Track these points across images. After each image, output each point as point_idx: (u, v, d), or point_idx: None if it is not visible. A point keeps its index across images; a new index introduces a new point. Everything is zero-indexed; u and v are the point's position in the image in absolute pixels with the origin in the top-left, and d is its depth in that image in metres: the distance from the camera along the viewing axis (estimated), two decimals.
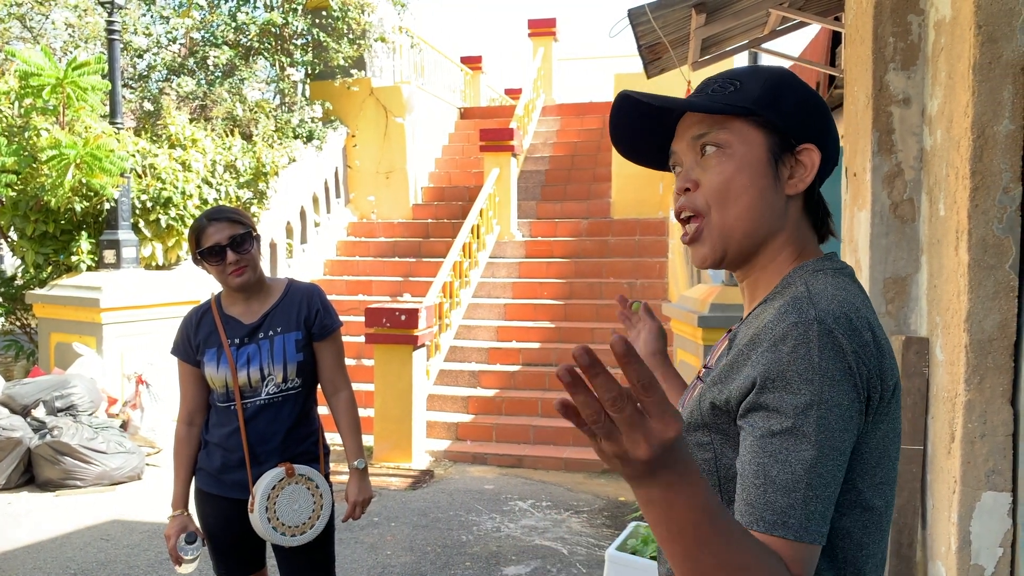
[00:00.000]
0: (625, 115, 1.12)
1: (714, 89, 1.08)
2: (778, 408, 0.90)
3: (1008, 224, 2.22)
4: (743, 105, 1.04)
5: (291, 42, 10.50)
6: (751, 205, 1.04)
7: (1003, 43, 2.18)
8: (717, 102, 1.05)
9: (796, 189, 1.06)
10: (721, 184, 1.05)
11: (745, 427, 0.93)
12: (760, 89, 1.05)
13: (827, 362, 0.90)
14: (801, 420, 0.89)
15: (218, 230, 2.42)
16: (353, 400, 2.64)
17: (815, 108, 1.08)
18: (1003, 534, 2.28)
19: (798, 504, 0.87)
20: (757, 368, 0.93)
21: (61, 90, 7.10)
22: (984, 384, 2.26)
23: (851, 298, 0.98)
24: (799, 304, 0.95)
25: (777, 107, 1.05)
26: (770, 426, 0.90)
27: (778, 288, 1.06)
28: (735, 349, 1.01)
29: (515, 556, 4.61)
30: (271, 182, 8.99)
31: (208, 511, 2.56)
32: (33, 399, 5.97)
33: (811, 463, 0.88)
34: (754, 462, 0.90)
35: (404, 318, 6.60)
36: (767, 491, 0.88)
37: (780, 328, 0.93)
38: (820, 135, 1.07)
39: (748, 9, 4.26)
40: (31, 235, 7.43)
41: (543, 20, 13.78)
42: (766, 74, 1.08)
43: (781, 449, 0.89)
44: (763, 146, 1.05)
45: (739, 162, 1.04)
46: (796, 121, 1.06)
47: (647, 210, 9.86)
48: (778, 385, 0.90)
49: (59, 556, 4.52)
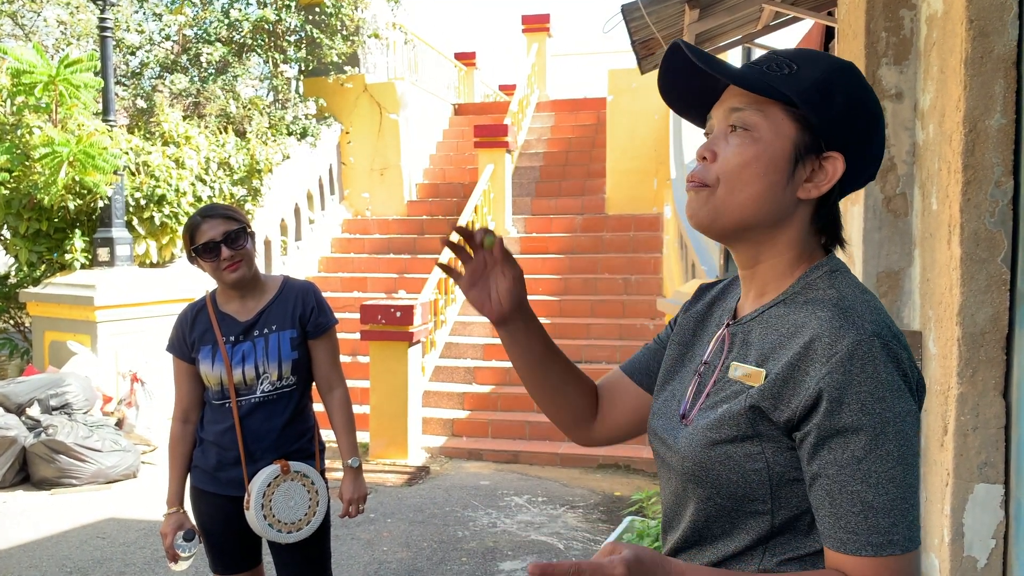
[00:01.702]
0: (675, 67, 1.08)
1: (769, 67, 1.04)
2: (858, 430, 0.91)
3: (1000, 218, 2.23)
4: (786, 93, 1.00)
5: (284, 38, 10.48)
6: (757, 196, 1.02)
7: (995, 37, 2.19)
8: (766, 83, 1.02)
9: (810, 194, 1.03)
10: (737, 166, 1.02)
11: (822, 451, 0.94)
12: (812, 82, 1.01)
13: (891, 376, 0.92)
14: (882, 439, 0.91)
15: (212, 227, 2.42)
16: (347, 398, 2.64)
17: (864, 119, 1.03)
18: (995, 526, 2.29)
19: (900, 521, 0.91)
20: (827, 388, 0.93)
21: (53, 88, 7.07)
22: (976, 377, 2.27)
23: (876, 302, 1.00)
24: (849, 317, 0.95)
25: (820, 107, 1.01)
26: (853, 452, 0.92)
27: (796, 288, 1.04)
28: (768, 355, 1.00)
29: (511, 551, 4.62)
30: (265, 179, 8.98)
31: (204, 509, 2.56)
32: (28, 398, 5.96)
33: (901, 478, 0.91)
34: (846, 490, 0.92)
35: (399, 315, 6.61)
36: (868, 517, 0.91)
37: (843, 346, 0.93)
38: (858, 148, 1.03)
39: (741, 4, 4.26)
40: (24, 233, 7.40)
41: (537, 16, 13.77)
42: (826, 67, 1.03)
43: (871, 472, 0.91)
44: (791, 140, 1.02)
45: (761, 149, 1.02)
46: (834, 126, 1.01)
47: (642, 206, 9.87)
48: (854, 407, 0.92)
49: (55, 554, 4.51)
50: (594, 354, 7.86)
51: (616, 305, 8.47)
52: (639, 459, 6.37)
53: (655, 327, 8.00)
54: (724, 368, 1.07)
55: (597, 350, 7.89)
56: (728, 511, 1.03)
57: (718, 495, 1.02)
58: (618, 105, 10.18)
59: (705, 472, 1.03)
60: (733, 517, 1.03)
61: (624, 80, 10.10)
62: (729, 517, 1.03)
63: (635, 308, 8.38)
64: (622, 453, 6.47)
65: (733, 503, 1.02)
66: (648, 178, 9.94)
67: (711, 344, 1.13)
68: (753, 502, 1.00)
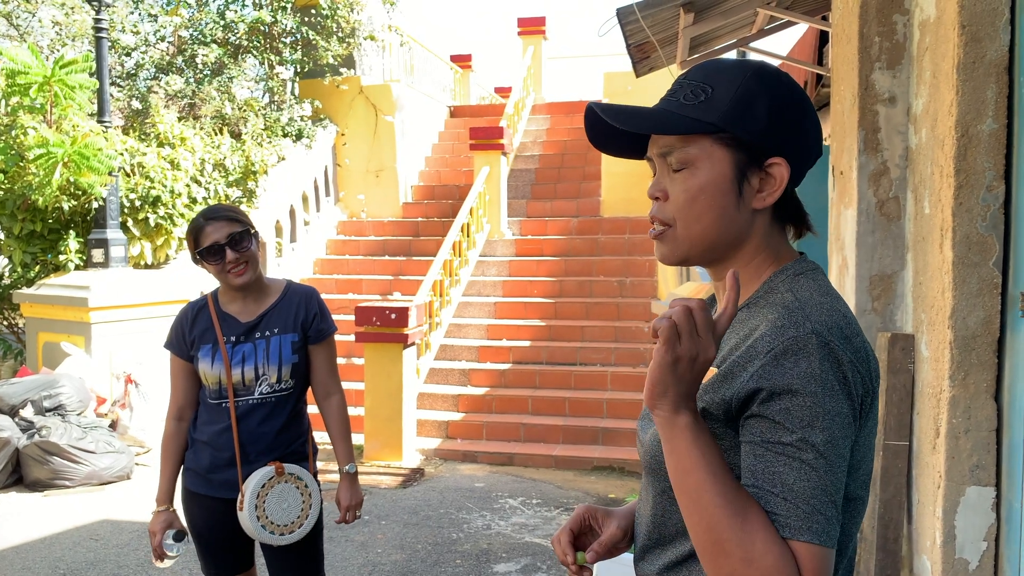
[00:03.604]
0: (598, 124, 1.11)
1: (686, 96, 1.06)
2: (785, 420, 0.93)
3: (992, 222, 2.24)
4: (709, 121, 1.02)
5: (280, 40, 10.47)
6: (713, 222, 1.06)
7: (987, 43, 2.21)
8: (686, 114, 1.04)
9: (764, 203, 1.06)
10: (686, 201, 1.06)
11: (752, 436, 0.96)
12: (730, 101, 1.03)
13: (827, 374, 0.94)
14: (808, 431, 0.92)
15: (216, 229, 2.42)
16: (344, 404, 2.65)
17: (789, 113, 1.05)
18: (987, 528, 2.30)
19: (818, 510, 0.91)
20: (760, 381, 0.95)
21: (48, 88, 7.06)
22: (968, 380, 2.29)
23: (837, 304, 1.01)
24: (794, 316, 0.97)
25: (745, 122, 1.03)
26: (779, 437, 0.93)
27: (760, 293, 1.07)
28: (723, 356, 1.03)
29: (505, 554, 4.62)
30: (260, 181, 8.97)
31: (196, 511, 2.55)
32: (21, 399, 5.94)
33: (824, 470, 0.92)
34: (769, 471, 0.93)
35: (394, 317, 6.60)
36: (788, 499, 0.92)
37: (780, 342, 0.95)
38: (794, 140, 1.05)
39: (736, 8, 4.28)
40: (18, 234, 7.39)
41: (533, 19, 13.78)
42: (739, 79, 1.04)
43: (794, 458, 0.92)
44: (729, 163, 1.04)
45: (703, 180, 1.05)
46: (766, 134, 1.03)
47: (637, 208, 9.88)
48: (784, 398, 0.93)
49: (48, 556, 4.50)
50: (589, 356, 7.87)
51: (611, 307, 8.48)
52: (633, 461, 6.37)
53: (649, 329, 8.00)
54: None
55: (592, 352, 7.90)
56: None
57: (671, 488, 1.05)
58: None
59: (658, 463, 1.07)
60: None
61: (619, 83, 10.11)
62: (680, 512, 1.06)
63: (630, 310, 8.40)
64: (616, 456, 6.48)
65: None
66: (643, 181, 9.95)
67: None
68: None
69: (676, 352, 0.93)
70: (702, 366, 0.94)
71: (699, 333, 0.93)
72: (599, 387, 7.49)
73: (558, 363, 7.86)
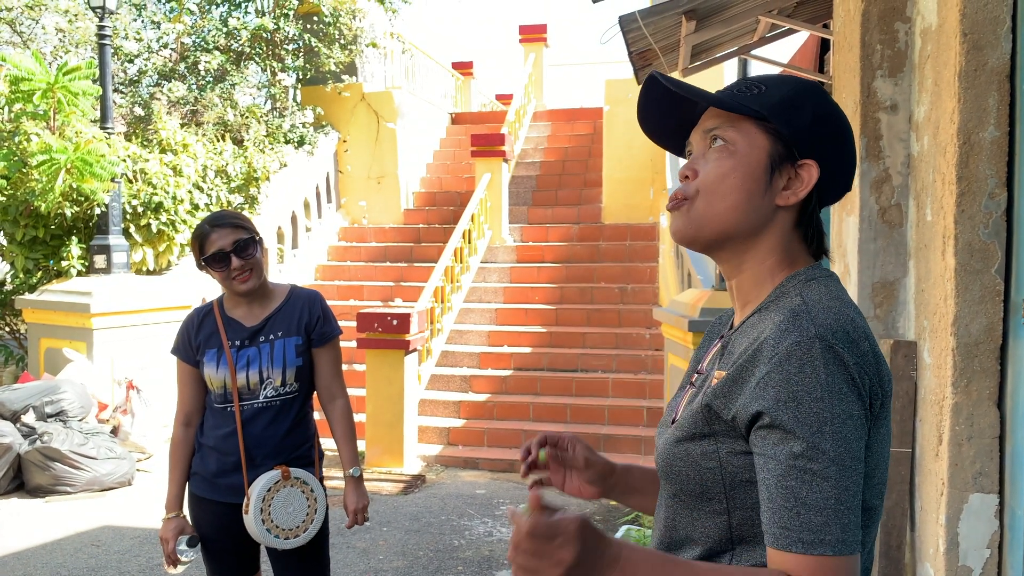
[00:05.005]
0: (653, 98, 1.14)
1: (740, 89, 1.10)
2: (794, 429, 0.92)
3: (994, 229, 2.25)
4: (756, 108, 1.06)
5: (282, 47, 10.51)
6: (736, 205, 1.07)
7: (988, 51, 2.22)
8: (738, 101, 1.07)
9: (788, 201, 1.08)
10: (715, 178, 1.07)
11: (763, 448, 0.96)
12: (780, 97, 1.07)
13: (833, 377, 0.93)
14: (818, 438, 0.91)
15: (221, 236, 2.43)
16: (349, 408, 2.65)
17: (832, 129, 1.09)
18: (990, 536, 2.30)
19: (832, 520, 0.90)
20: (766, 388, 0.95)
21: (51, 95, 7.09)
22: (971, 387, 2.29)
23: (845, 308, 1.01)
24: (799, 320, 0.97)
25: (789, 119, 1.06)
26: (790, 448, 0.92)
27: (772, 297, 1.07)
28: (734, 360, 1.03)
29: (507, 561, 4.61)
30: (262, 187, 8.99)
31: (202, 516, 2.55)
32: (23, 405, 5.94)
33: (836, 478, 0.91)
34: (780, 485, 0.93)
35: (396, 323, 6.61)
36: (800, 512, 0.91)
37: (784, 347, 0.95)
38: (830, 156, 1.08)
39: (738, 16, 4.29)
40: (21, 240, 7.40)
41: (534, 26, 13.82)
42: (793, 84, 1.10)
43: (806, 470, 0.91)
44: (765, 151, 1.07)
45: (737, 161, 1.07)
46: (805, 136, 1.07)
47: (638, 215, 9.90)
48: (790, 406, 0.93)
49: (49, 562, 4.50)
50: (590, 363, 7.88)
51: (612, 314, 8.48)
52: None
53: (651, 336, 8.01)
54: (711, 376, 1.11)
55: (593, 359, 7.90)
56: (690, 509, 1.07)
57: (682, 492, 1.07)
58: (615, 115, 10.23)
59: (670, 468, 1.08)
60: (694, 517, 1.07)
61: (620, 90, 10.14)
62: (691, 516, 1.07)
63: (631, 317, 8.40)
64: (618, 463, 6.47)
65: (693, 501, 1.06)
66: (644, 187, 9.97)
67: (709, 356, 1.18)
68: (710, 501, 1.04)
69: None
70: (570, 565, 0.95)
71: (539, 556, 0.97)
72: (600, 394, 7.49)
73: (559, 370, 7.86)
